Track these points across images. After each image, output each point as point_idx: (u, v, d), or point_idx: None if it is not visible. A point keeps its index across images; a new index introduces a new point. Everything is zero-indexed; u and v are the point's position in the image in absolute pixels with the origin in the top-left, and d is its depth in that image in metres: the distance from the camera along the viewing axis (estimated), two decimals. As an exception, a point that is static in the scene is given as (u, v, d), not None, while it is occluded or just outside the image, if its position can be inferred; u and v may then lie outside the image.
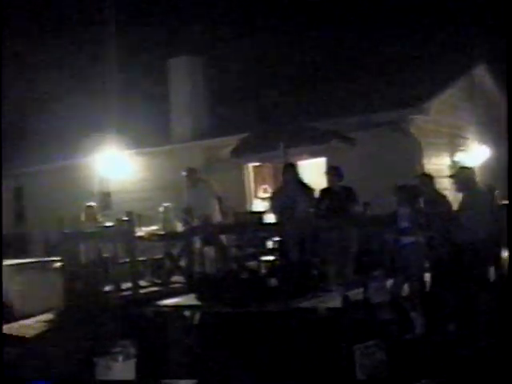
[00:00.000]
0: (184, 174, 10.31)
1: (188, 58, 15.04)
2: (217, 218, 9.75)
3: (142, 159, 14.96)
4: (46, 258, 11.72)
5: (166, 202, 9.90)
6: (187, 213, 9.51)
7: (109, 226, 9.60)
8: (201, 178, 10.31)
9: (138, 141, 14.78)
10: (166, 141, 14.81)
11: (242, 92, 15.89)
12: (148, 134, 14.97)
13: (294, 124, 10.42)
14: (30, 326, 9.59)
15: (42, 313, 10.00)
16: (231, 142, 11.25)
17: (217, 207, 9.94)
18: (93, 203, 10.96)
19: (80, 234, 9.66)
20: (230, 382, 6.64)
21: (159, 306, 8.23)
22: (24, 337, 9.05)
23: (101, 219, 10.52)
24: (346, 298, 7.05)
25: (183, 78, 14.81)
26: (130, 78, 18.05)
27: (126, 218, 9.12)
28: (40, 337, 9.03)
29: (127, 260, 9.00)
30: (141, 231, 9.44)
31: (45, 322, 9.71)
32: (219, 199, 10.04)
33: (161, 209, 9.73)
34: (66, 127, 16.80)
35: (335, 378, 6.26)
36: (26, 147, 19.42)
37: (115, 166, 14.82)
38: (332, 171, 8.99)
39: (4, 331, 9.30)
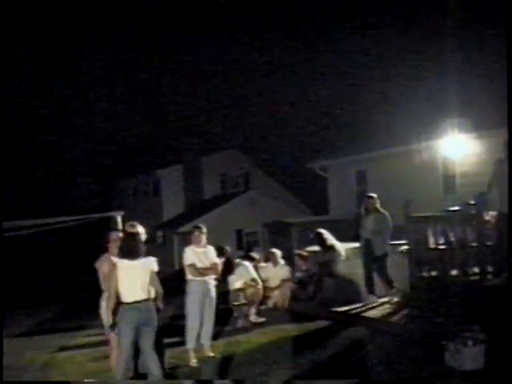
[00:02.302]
0: None
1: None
2: None
3: (483, 142, 14.41)
4: (393, 242, 12.08)
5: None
6: None
7: (455, 210, 9.49)
8: None
9: (479, 123, 14.28)
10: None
11: None
12: (488, 115, 14.36)
13: None
14: (375, 306, 10.07)
15: (387, 295, 10.41)
16: None
17: None
18: (374, 194, 10.80)
19: (427, 218, 9.67)
20: None
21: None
22: (369, 317, 9.54)
23: (382, 210, 10.41)
24: None
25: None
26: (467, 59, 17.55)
27: (473, 202, 8.94)
28: (385, 317, 9.42)
29: (475, 244, 8.82)
30: (488, 215, 9.16)
31: (390, 303, 10.10)
32: None
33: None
34: (408, 112, 17.05)
35: None
36: (369, 133, 20.23)
37: (458, 149, 14.58)
38: None
39: (351, 311, 9.92)
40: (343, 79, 27.47)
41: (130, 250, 6.60)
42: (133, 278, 6.53)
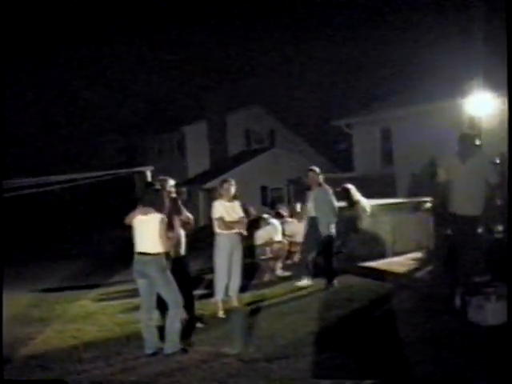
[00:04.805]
0: None
1: None
2: None
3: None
4: (416, 199, 12.12)
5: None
6: None
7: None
8: None
9: (505, 82, 14.09)
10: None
11: None
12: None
13: None
14: (400, 262, 10.20)
15: (412, 251, 10.51)
16: None
17: None
18: (316, 168, 10.29)
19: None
20: None
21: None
22: (394, 272, 9.69)
23: (324, 185, 9.89)
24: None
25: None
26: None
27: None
28: (410, 273, 9.55)
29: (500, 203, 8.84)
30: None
31: (414, 260, 10.21)
32: None
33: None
34: (434, 70, 16.89)
35: None
36: (395, 91, 20.06)
37: (484, 108, 14.41)
38: None
39: (377, 266, 10.07)
40: (370, 38, 27.18)
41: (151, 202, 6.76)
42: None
